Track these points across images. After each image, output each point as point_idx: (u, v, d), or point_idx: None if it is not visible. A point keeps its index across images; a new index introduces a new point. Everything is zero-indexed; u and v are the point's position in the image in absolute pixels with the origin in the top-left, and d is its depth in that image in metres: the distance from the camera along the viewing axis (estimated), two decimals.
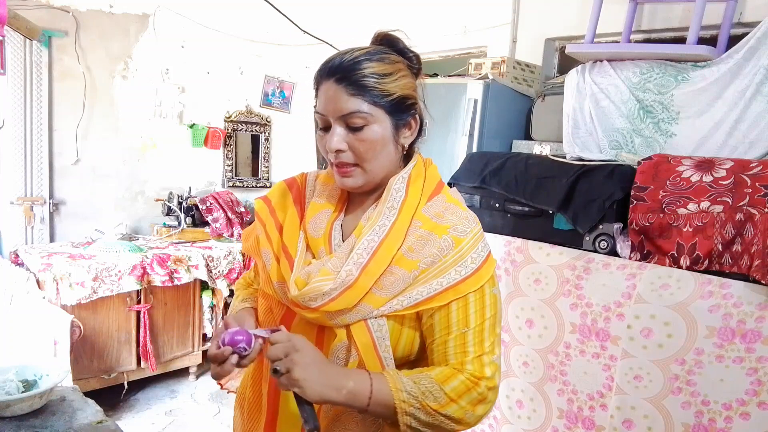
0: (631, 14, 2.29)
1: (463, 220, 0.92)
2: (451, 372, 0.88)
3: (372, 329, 0.89)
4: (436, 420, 0.86)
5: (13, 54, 2.98)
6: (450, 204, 0.95)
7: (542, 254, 1.84)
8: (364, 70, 0.88)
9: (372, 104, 0.89)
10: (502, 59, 2.53)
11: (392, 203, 0.93)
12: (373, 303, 0.88)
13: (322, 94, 0.91)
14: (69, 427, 1.27)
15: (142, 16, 3.45)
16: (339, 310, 0.88)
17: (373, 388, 0.84)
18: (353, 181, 0.93)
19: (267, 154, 4.19)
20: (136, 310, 2.93)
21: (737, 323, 1.40)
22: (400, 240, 0.90)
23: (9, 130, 3.04)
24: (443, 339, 0.90)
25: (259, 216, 1.04)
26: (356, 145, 0.89)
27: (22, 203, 3.12)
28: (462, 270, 0.89)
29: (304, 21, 3.62)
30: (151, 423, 2.82)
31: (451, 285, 0.88)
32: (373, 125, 0.89)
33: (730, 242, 1.49)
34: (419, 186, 0.95)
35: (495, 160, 2.06)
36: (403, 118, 0.93)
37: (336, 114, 0.89)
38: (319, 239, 0.96)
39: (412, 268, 0.88)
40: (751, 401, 1.39)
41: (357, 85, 0.88)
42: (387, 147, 0.92)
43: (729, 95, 1.88)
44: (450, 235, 0.90)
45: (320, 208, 0.99)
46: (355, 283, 0.87)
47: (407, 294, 0.88)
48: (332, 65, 0.90)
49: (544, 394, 1.83)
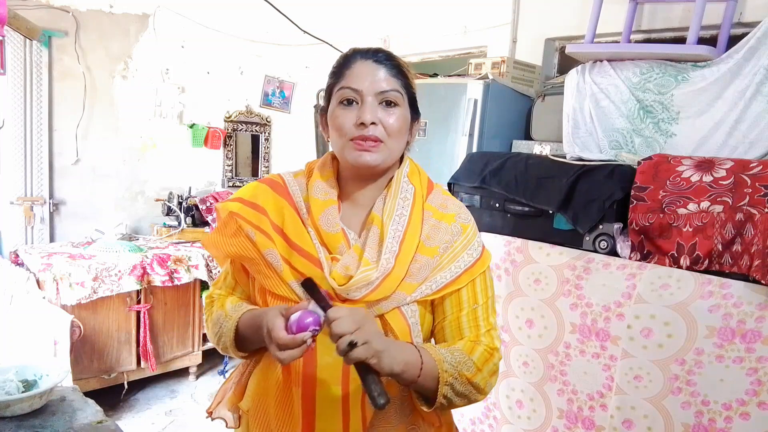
0: (631, 14, 2.29)
1: (462, 209, 1.03)
2: (472, 344, 0.96)
3: (407, 315, 0.95)
4: (467, 389, 0.92)
5: (13, 54, 2.98)
6: (446, 196, 1.05)
7: (542, 254, 1.84)
8: (399, 60, 0.98)
9: (403, 92, 0.96)
10: (502, 59, 2.53)
11: (405, 194, 0.99)
12: (406, 290, 0.94)
13: (357, 70, 0.94)
14: (69, 427, 1.27)
15: (142, 16, 3.45)
16: (377, 300, 0.92)
17: (423, 359, 0.88)
18: (374, 157, 0.94)
19: (267, 154, 4.19)
20: (136, 310, 2.93)
21: (737, 323, 1.40)
22: (419, 229, 0.97)
23: (9, 130, 3.04)
24: (456, 315, 0.98)
25: (242, 217, 0.99)
26: (388, 121, 0.94)
27: (22, 203, 3.12)
28: (473, 253, 0.99)
29: (304, 21, 3.62)
30: (151, 423, 2.82)
31: (467, 268, 0.97)
32: (401, 108, 0.96)
33: (730, 242, 1.49)
34: (417, 181, 1.02)
35: (495, 160, 2.06)
36: (415, 115, 1.01)
37: (375, 89, 0.93)
38: (336, 235, 0.97)
39: (434, 255, 0.96)
40: (751, 401, 1.39)
41: (397, 69, 0.96)
42: (404, 134, 0.99)
43: (729, 95, 1.88)
44: (457, 222, 0.99)
45: (325, 204, 0.99)
46: (393, 271, 0.92)
47: (432, 279, 0.95)
48: (371, 49, 0.97)
49: (544, 394, 1.83)
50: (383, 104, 0.94)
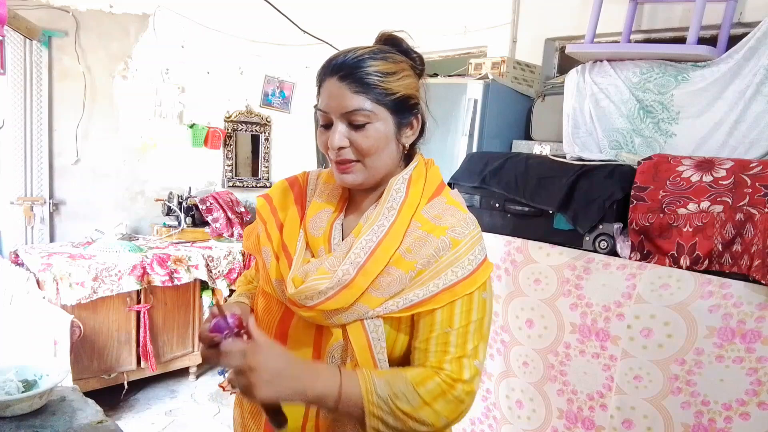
0: (631, 14, 2.29)
1: (461, 222, 0.92)
2: (427, 373, 0.88)
3: (368, 330, 0.89)
4: (405, 425, 0.85)
5: (13, 54, 2.98)
6: (450, 206, 0.95)
7: (542, 254, 1.84)
8: (368, 68, 0.89)
9: (375, 102, 0.89)
10: (502, 59, 2.53)
11: (392, 203, 0.93)
12: (370, 303, 0.88)
13: (325, 91, 0.91)
14: (69, 427, 1.27)
15: (142, 16, 3.45)
16: (335, 310, 0.88)
17: (343, 390, 0.82)
18: (353, 177, 0.92)
19: (267, 154, 4.19)
20: (136, 310, 2.93)
21: (737, 323, 1.40)
22: (398, 241, 0.90)
23: (9, 130, 3.04)
24: (425, 337, 0.90)
25: (260, 214, 1.03)
26: (358, 142, 0.89)
27: (22, 203, 3.12)
28: (458, 271, 0.89)
29: (304, 21, 3.62)
30: (151, 423, 2.82)
31: (447, 287, 0.88)
32: (375, 123, 0.89)
33: (730, 242, 1.49)
34: (420, 187, 0.95)
35: (495, 160, 2.06)
36: (405, 117, 0.94)
37: (339, 111, 0.89)
38: (319, 238, 0.96)
39: (409, 269, 0.89)
40: (751, 401, 1.39)
41: (360, 83, 0.88)
42: (389, 145, 0.93)
43: (729, 95, 1.88)
44: (448, 236, 0.90)
45: (321, 207, 0.99)
46: (351, 283, 0.87)
47: (403, 296, 0.89)
48: (336, 63, 0.90)
49: (544, 394, 1.83)
50: (352, 124, 0.89)
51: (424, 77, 0.99)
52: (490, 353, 2.00)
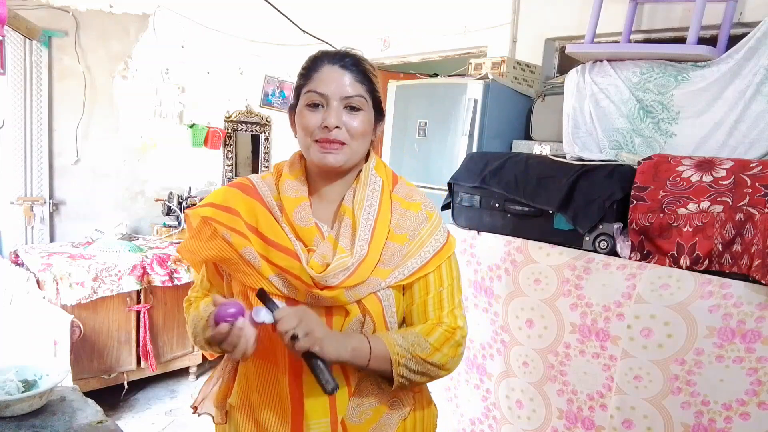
0: (631, 14, 2.29)
1: (425, 198, 1.10)
2: (431, 326, 1.03)
3: (382, 300, 1.01)
4: (424, 368, 1.00)
5: (13, 54, 2.98)
6: (410, 187, 1.12)
7: (542, 254, 1.84)
8: (365, 65, 1.02)
9: (368, 95, 1.01)
10: (502, 59, 2.53)
11: (373, 186, 1.05)
12: (381, 275, 0.99)
13: (324, 74, 1.00)
14: (69, 427, 1.27)
15: (142, 16, 3.45)
16: (354, 285, 0.97)
17: (372, 345, 0.96)
18: (336, 157, 0.99)
19: (267, 154, 4.19)
20: (136, 310, 2.93)
21: (737, 323, 1.40)
22: (388, 216, 1.03)
23: (9, 130, 3.04)
24: (423, 299, 1.05)
25: (216, 220, 1.02)
26: (352, 124, 0.99)
27: (22, 203, 3.12)
28: (439, 238, 1.05)
29: (304, 21, 3.62)
30: (151, 423, 2.82)
31: (435, 253, 1.04)
32: (366, 111, 1.01)
33: (730, 242, 1.49)
34: (384, 173, 1.09)
35: (495, 160, 2.06)
36: (379, 117, 1.07)
37: (340, 94, 0.98)
38: (310, 228, 1.01)
39: (404, 242, 1.02)
40: (751, 401, 1.39)
41: (363, 75, 1.01)
42: (367, 136, 1.04)
43: (729, 95, 1.88)
44: (423, 210, 1.06)
45: (297, 201, 1.04)
46: (367, 257, 0.97)
47: (404, 265, 1.02)
48: (339, 53, 1.02)
49: (544, 394, 1.83)
50: (348, 108, 0.99)
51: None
52: (491, 353, 2.00)
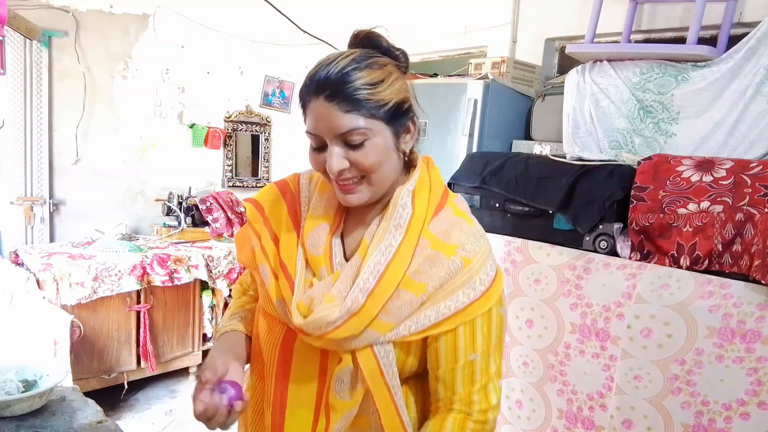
0: (631, 14, 2.29)
1: (470, 238, 0.88)
2: (460, 423, 0.88)
3: (379, 356, 0.85)
4: None
5: (13, 54, 2.98)
6: (457, 218, 0.90)
7: (542, 254, 1.84)
8: (354, 82, 0.81)
9: (369, 117, 0.82)
10: (502, 59, 2.53)
11: (398, 221, 0.87)
12: (380, 329, 0.84)
13: (312, 113, 0.83)
14: (69, 427, 1.27)
15: (142, 16, 3.45)
16: (345, 338, 0.84)
17: None
18: (359, 197, 0.86)
19: (267, 154, 4.19)
20: (136, 310, 2.93)
21: (737, 323, 1.40)
22: (407, 262, 0.85)
23: (9, 130, 3.04)
24: (451, 367, 0.87)
25: (252, 225, 0.97)
26: (359, 161, 0.83)
27: (22, 203, 3.12)
28: (470, 293, 0.85)
29: (304, 21, 3.62)
30: (151, 423, 2.82)
31: (459, 309, 0.84)
32: (373, 138, 0.83)
33: (730, 242, 1.49)
34: (425, 199, 0.89)
35: (495, 160, 2.06)
36: (401, 123, 0.87)
37: (332, 133, 0.82)
38: (319, 258, 0.90)
39: (420, 292, 0.84)
40: (751, 401, 1.39)
41: (350, 101, 0.80)
42: (390, 157, 0.87)
43: (729, 95, 1.88)
44: (459, 255, 0.85)
45: (318, 221, 0.92)
46: (361, 310, 0.82)
47: (414, 318, 0.84)
48: (319, 80, 0.82)
49: (544, 394, 1.83)
50: (349, 143, 0.82)
51: (408, 73, 0.92)
52: None
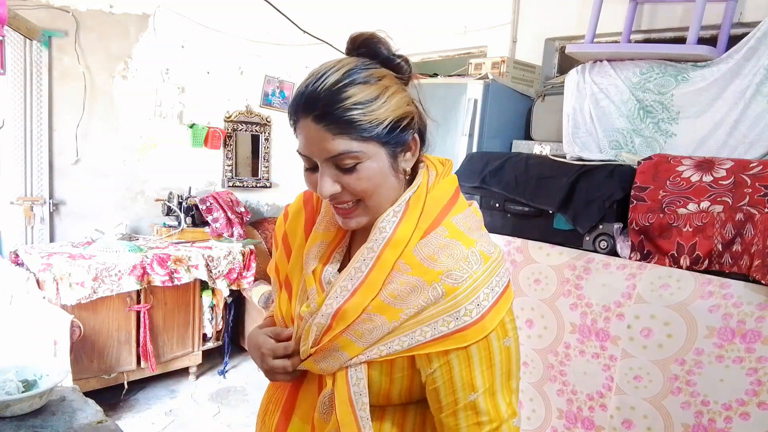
0: (631, 14, 2.29)
1: (460, 263, 0.78)
2: None
3: (351, 381, 0.82)
4: None
5: (13, 54, 2.98)
6: (450, 240, 0.81)
7: (542, 254, 1.84)
8: (345, 101, 0.75)
9: (362, 140, 0.76)
10: (502, 59, 2.53)
11: (372, 245, 0.81)
12: (350, 351, 0.81)
13: (302, 133, 0.78)
14: (69, 427, 1.27)
15: (142, 16, 3.45)
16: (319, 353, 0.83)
17: None
18: (357, 221, 0.83)
19: (267, 154, 4.19)
20: (136, 310, 2.93)
21: (737, 323, 1.40)
22: (377, 288, 0.80)
23: (9, 130, 3.04)
24: (452, 409, 0.80)
25: (275, 236, 0.99)
26: (352, 185, 0.79)
27: (22, 203, 3.12)
28: (452, 322, 0.76)
29: (304, 21, 3.62)
30: (151, 423, 2.82)
31: (436, 337, 0.77)
32: (365, 162, 0.78)
33: (730, 242, 1.49)
34: (413, 220, 0.82)
35: (495, 160, 2.07)
36: (400, 142, 0.81)
37: (322, 156, 0.78)
38: (309, 278, 0.88)
39: (393, 319, 0.79)
40: (751, 401, 1.39)
41: (340, 123, 0.75)
42: (387, 179, 0.81)
43: (729, 95, 1.88)
44: (441, 283, 0.77)
45: (318, 238, 0.90)
46: (328, 330, 0.81)
47: (386, 343, 0.80)
48: (307, 98, 0.76)
49: (544, 394, 1.83)
50: (341, 167, 0.78)
51: (414, 77, 0.86)
52: None
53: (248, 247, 3.39)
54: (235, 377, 3.40)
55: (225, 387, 3.27)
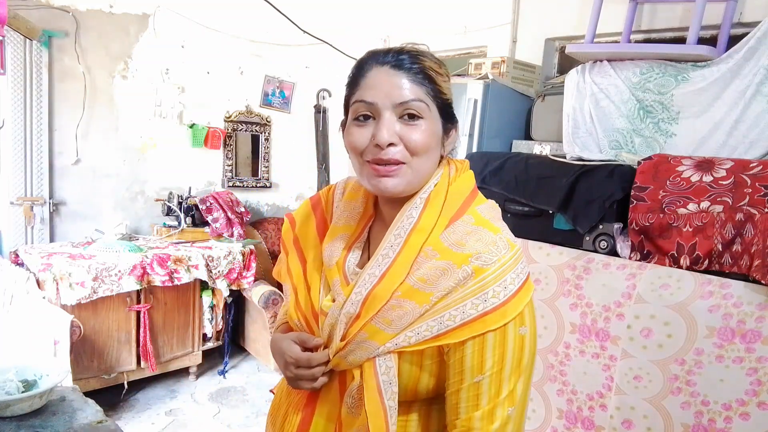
0: (631, 14, 2.29)
1: (489, 246, 0.79)
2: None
3: (379, 372, 0.81)
4: None
5: (13, 54, 2.98)
6: (476, 227, 0.82)
7: (542, 254, 1.84)
8: (424, 62, 0.81)
9: (431, 99, 0.81)
10: (502, 59, 2.53)
11: (399, 230, 0.83)
12: (379, 339, 0.80)
13: (371, 80, 0.80)
14: (69, 427, 1.27)
15: (142, 16, 3.45)
16: (345, 346, 0.83)
17: None
18: (395, 182, 0.81)
19: (267, 154, 4.19)
20: (136, 310, 2.93)
21: (737, 323, 1.40)
22: (405, 271, 0.81)
23: (9, 130, 3.04)
24: (456, 388, 0.80)
25: (282, 241, 0.98)
26: (412, 137, 0.79)
27: (22, 203, 3.12)
28: (480, 304, 0.76)
29: (304, 21, 3.62)
30: (151, 423, 2.82)
31: (466, 321, 0.77)
32: (429, 120, 0.81)
33: (730, 242, 1.49)
34: (436, 209, 0.84)
35: (495, 160, 2.07)
36: (449, 123, 0.87)
37: (392, 100, 0.79)
38: (332, 269, 0.87)
39: (424, 302, 0.79)
40: (751, 401, 1.39)
41: (422, 73, 0.80)
42: (435, 150, 0.84)
43: (729, 95, 1.88)
44: (471, 264, 0.78)
45: (337, 232, 0.90)
46: (357, 319, 0.81)
47: (414, 329, 0.79)
48: (391, 50, 0.82)
49: (544, 394, 1.83)
50: (405, 117, 0.79)
51: None
52: None
53: (248, 247, 3.39)
54: (235, 377, 3.40)
55: (225, 387, 3.27)
